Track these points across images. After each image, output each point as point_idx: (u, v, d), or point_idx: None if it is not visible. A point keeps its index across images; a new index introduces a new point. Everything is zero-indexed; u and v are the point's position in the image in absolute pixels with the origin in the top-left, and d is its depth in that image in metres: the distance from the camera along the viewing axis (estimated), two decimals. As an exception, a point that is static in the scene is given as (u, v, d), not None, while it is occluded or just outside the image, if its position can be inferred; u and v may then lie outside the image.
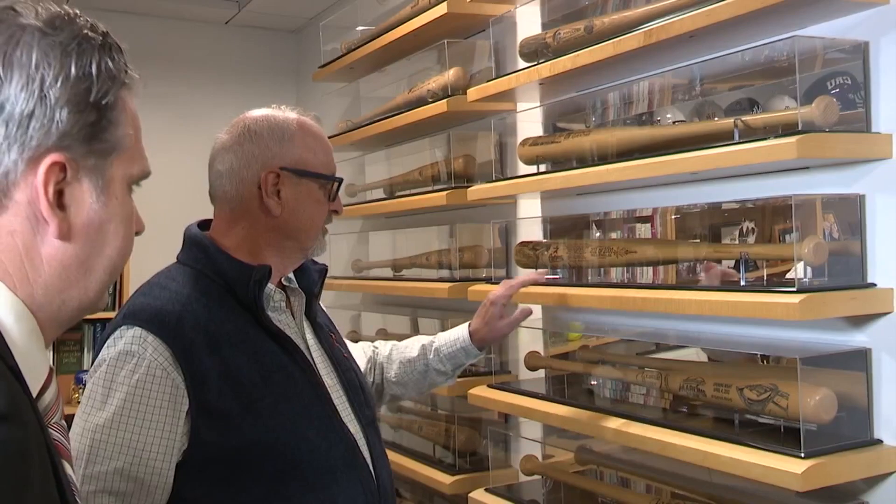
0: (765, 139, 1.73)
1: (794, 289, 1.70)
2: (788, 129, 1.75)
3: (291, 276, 1.86)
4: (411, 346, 2.21)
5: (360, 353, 2.18)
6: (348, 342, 2.21)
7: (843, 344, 1.85)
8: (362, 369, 2.11)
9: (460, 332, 2.20)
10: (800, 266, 1.76)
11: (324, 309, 2.01)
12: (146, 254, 2.46)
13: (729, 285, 1.97)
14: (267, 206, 1.73)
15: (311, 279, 1.88)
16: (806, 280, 1.76)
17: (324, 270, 1.93)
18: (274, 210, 1.73)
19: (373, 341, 2.29)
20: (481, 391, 2.67)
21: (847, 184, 1.84)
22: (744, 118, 1.87)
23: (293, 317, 1.80)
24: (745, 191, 2.06)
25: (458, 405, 3.24)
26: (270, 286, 1.75)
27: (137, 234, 1.06)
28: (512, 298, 2.22)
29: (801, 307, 1.64)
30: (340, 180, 1.81)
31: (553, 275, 2.58)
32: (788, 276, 1.89)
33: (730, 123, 1.89)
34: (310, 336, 1.83)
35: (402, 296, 3.64)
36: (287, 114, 1.79)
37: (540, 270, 2.46)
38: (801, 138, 1.65)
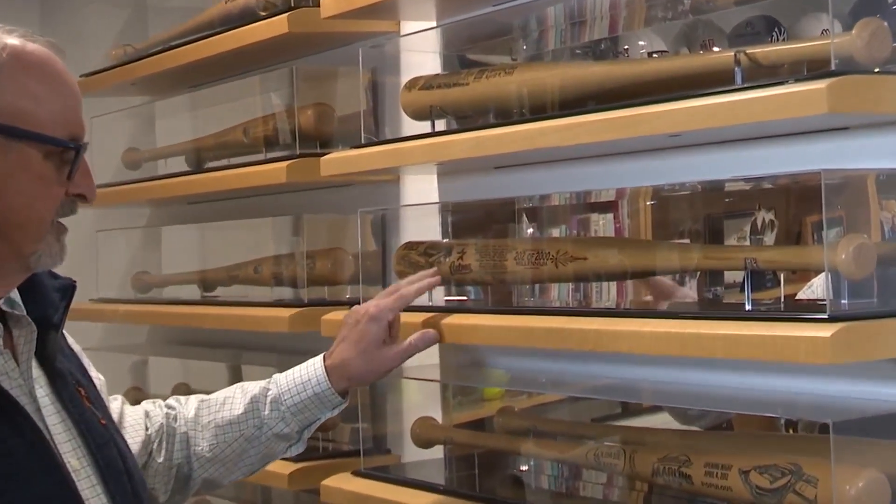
0: (782, 83, 1.80)
1: (824, 315, 1.76)
2: (818, 67, 1.82)
3: (16, 296, 1.85)
4: (232, 401, 2.24)
5: (139, 419, 2.19)
6: (122, 405, 2.21)
7: (899, 401, 1.95)
8: (139, 444, 2.12)
9: (311, 372, 2.23)
10: (824, 280, 1.83)
11: (72, 347, 2.01)
12: None
13: (727, 311, 2.05)
14: None
15: (49, 301, 1.88)
16: (843, 303, 1.84)
17: (69, 287, 1.93)
18: None
19: (165, 399, 2.30)
20: (343, 482, 2.69)
21: (904, 153, 1.94)
22: (749, 50, 1.94)
23: (16, 362, 1.80)
24: (758, 162, 2.14)
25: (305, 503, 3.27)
26: (-23, 315, 1.76)
27: None
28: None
29: (834, 344, 1.70)
30: (79, 148, 1.79)
31: (458, 296, 2.63)
32: (801, 295, 1.97)
33: (729, 58, 1.96)
34: (43, 392, 1.83)
35: (217, 330, 3.63)
36: None
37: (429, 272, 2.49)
38: (833, 83, 1.71)
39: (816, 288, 1.96)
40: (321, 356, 2.28)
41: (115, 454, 1.88)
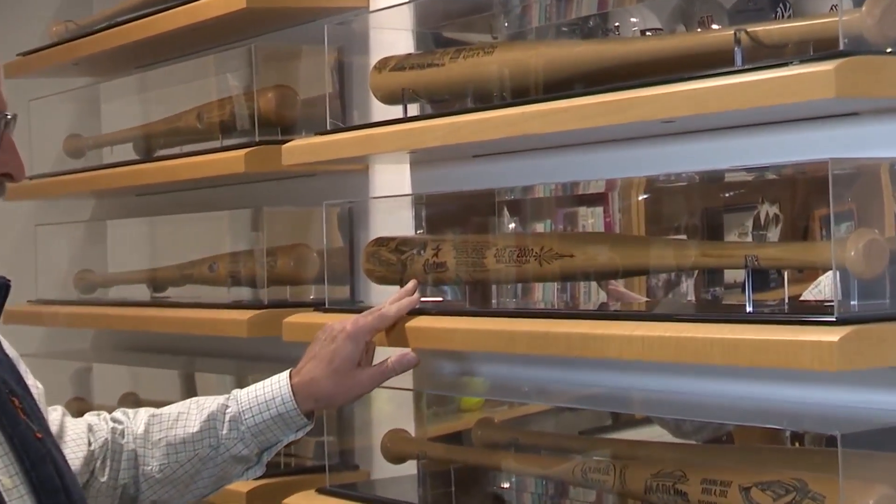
0: (786, 64, 1.80)
1: (831, 317, 1.77)
2: (825, 46, 1.82)
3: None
4: (186, 417, 2.23)
5: (81, 433, 2.18)
6: (63, 417, 2.20)
7: (914, 412, 1.95)
8: (80, 461, 2.12)
9: (275, 389, 2.22)
10: (832, 280, 1.83)
11: (7, 352, 2.01)
12: None
13: (726, 313, 2.05)
14: None
15: None
16: (852, 304, 1.84)
17: (2, 287, 1.92)
18: None
19: (111, 412, 2.29)
20: (306, 500, 2.69)
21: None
22: (751, 28, 1.94)
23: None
24: (761, 151, 2.14)
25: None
26: None
27: None
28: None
29: (842, 349, 1.70)
30: None
31: (434, 297, 2.63)
32: (806, 295, 1.97)
33: (729, 37, 1.96)
34: (-31, 402, 1.83)
35: (168, 334, 3.63)
36: None
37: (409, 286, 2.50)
38: (841, 64, 1.72)
39: (823, 288, 1.96)
40: (287, 372, 2.26)
41: (52, 471, 1.86)
